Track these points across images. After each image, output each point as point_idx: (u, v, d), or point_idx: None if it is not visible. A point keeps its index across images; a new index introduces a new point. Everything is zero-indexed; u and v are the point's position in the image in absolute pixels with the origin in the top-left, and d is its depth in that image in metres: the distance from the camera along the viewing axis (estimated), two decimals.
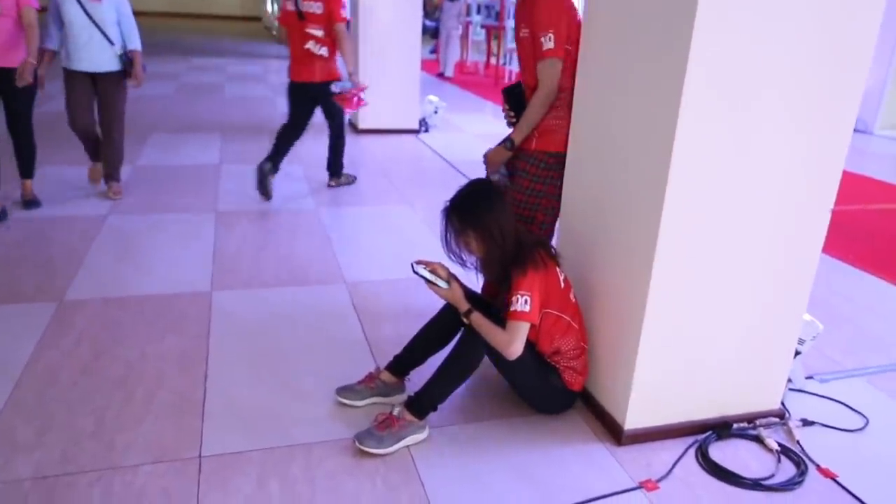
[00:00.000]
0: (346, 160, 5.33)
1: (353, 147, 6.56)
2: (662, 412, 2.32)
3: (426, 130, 7.43)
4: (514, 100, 2.73)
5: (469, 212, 2.21)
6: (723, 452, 2.28)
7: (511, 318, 2.14)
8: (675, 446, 2.30)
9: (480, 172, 2.94)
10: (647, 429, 2.30)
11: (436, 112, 7.72)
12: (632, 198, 2.15)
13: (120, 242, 3.84)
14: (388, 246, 4.01)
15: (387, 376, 2.43)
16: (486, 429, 2.35)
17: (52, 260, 3.54)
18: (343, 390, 2.41)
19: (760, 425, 2.40)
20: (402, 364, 2.44)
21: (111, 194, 4.57)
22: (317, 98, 4.69)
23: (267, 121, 7.46)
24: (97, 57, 4.20)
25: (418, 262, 2.30)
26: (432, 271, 2.28)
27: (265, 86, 10.08)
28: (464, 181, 2.34)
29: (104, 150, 4.52)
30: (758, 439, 2.35)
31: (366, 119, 7.04)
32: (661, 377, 2.24)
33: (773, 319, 2.32)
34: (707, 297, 2.19)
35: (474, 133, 7.58)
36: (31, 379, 2.50)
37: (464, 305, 2.23)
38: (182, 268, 3.54)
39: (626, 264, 2.20)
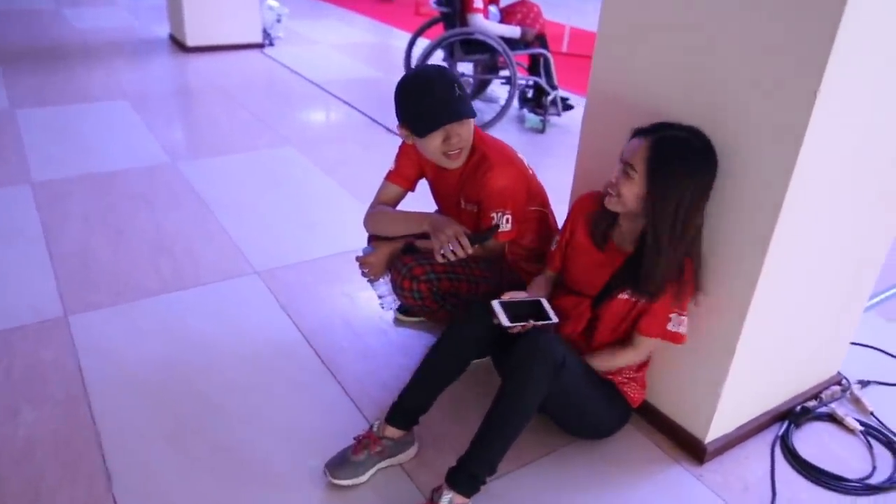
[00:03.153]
0: (177, 86, 4.64)
1: (186, 70, 5.30)
2: (740, 415, 1.88)
3: (271, 44, 6.24)
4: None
5: (669, 157, 1.48)
6: (808, 445, 1.89)
7: (666, 337, 1.66)
8: (757, 449, 1.88)
9: (357, 94, 2.21)
10: (725, 436, 1.85)
11: (278, 20, 6.50)
12: (735, 178, 1.55)
13: None
14: (291, 208, 3.13)
15: (393, 432, 1.73)
16: (532, 472, 1.77)
17: None
18: (337, 467, 1.67)
19: (828, 401, 2.05)
20: (411, 412, 1.74)
21: None
22: None
23: (60, 42, 5.82)
24: None
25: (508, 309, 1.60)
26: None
27: None
28: (341, 106, 1.70)
29: None
30: (834, 419, 2.00)
31: (196, 33, 5.71)
32: (749, 379, 1.77)
33: (849, 294, 1.93)
34: (803, 290, 1.73)
35: (330, 43, 6.51)
36: None
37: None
38: (9, 283, 2.45)
39: (723, 258, 1.63)
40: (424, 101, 1.76)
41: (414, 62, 4.56)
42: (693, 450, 1.83)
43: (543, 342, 1.57)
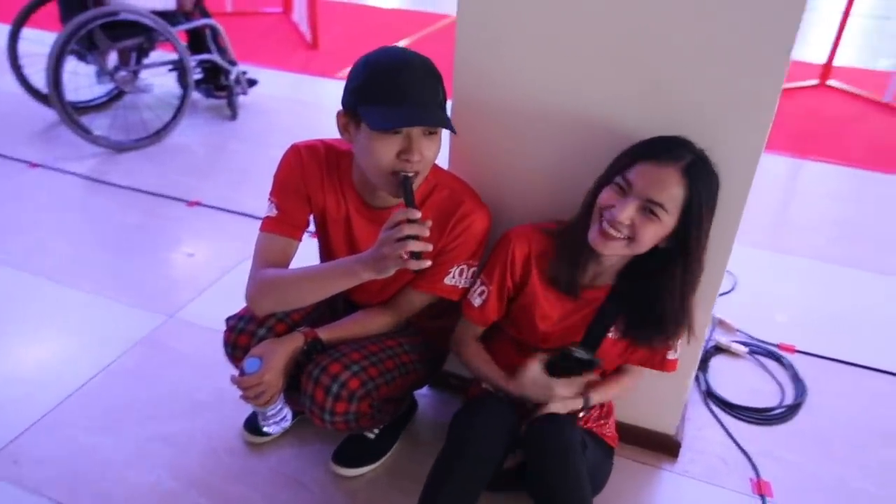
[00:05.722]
0: None
1: None
2: None
3: None
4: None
5: (707, 189, 1.21)
6: (726, 388, 1.93)
7: (657, 366, 1.42)
8: (699, 415, 1.84)
9: None
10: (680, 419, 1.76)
11: None
12: None
13: None
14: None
15: None
16: None
17: None
18: None
19: (707, 333, 2.11)
20: None
21: None
22: None
23: None
24: None
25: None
26: None
27: None
28: None
29: None
30: (722, 350, 2.07)
31: None
32: None
33: None
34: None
35: None
36: None
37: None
38: None
39: None
40: (399, 86, 1.18)
41: (24, 61, 3.33)
42: (667, 448, 1.70)
43: (559, 430, 1.25)
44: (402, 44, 5.41)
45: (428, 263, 1.16)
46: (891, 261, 2.64)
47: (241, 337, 1.41)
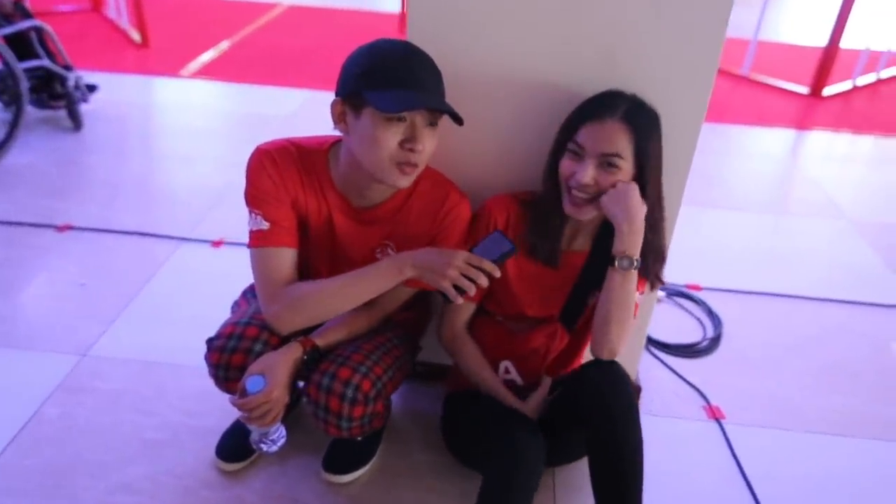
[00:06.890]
0: None
1: None
2: None
3: None
4: None
5: (650, 127, 1.29)
6: (658, 332, 2.10)
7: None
8: (643, 359, 1.99)
9: None
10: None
11: None
12: None
13: None
14: None
15: None
16: None
17: None
18: None
19: None
20: None
21: None
22: None
23: None
24: None
25: None
26: None
27: None
28: None
29: None
30: None
31: None
32: None
33: None
34: None
35: None
36: None
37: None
38: None
39: None
40: (409, 71, 1.16)
41: None
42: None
43: (618, 376, 1.34)
44: (242, 34, 5.16)
45: (461, 301, 1.20)
46: (745, 198, 3.02)
47: (234, 357, 1.29)
